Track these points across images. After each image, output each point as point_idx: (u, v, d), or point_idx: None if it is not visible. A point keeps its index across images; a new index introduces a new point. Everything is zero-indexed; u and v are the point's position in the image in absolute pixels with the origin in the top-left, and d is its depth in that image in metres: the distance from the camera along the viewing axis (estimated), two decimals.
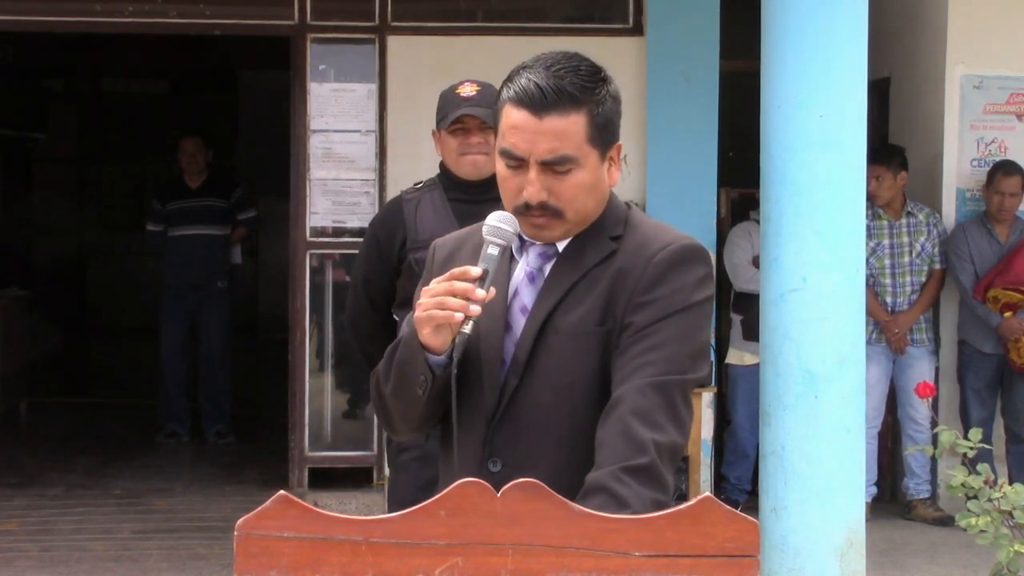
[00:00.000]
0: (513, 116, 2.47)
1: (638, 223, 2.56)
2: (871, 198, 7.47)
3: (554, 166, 2.46)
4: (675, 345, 2.43)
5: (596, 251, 2.52)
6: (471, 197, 4.20)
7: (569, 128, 2.45)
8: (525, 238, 2.56)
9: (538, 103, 2.44)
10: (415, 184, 4.48)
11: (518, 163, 2.48)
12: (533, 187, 2.46)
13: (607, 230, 2.54)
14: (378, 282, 4.35)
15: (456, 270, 2.42)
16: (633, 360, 2.41)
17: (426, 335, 2.42)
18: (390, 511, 4.36)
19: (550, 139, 2.45)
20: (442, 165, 4.35)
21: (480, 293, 2.38)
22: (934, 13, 8.07)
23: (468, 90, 4.27)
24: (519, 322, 2.52)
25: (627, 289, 2.47)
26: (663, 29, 7.75)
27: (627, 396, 2.38)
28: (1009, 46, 7.96)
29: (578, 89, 2.46)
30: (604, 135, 2.50)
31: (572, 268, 2.51)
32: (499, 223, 2.47)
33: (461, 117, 4.23)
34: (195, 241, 9.49)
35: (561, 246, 2.54)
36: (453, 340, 2.42)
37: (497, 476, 2.42)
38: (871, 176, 7.49)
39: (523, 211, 2.48)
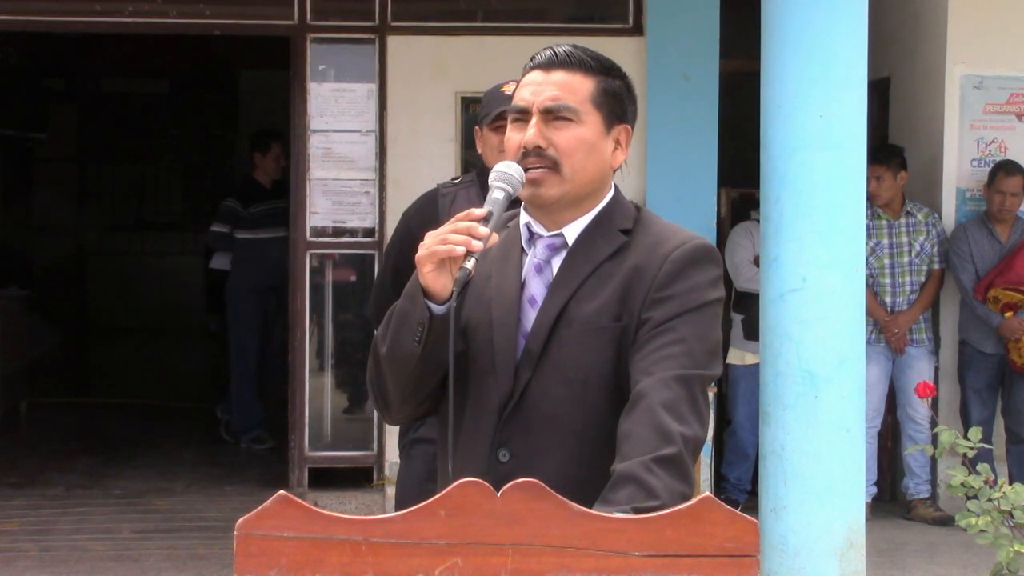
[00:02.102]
0: (524, 79, 2.58)
1: (650, 221, 2.59)
2: (871, 198, 7.49)
3: (555, 114, 2.52)
4: (694, 341, 2.45)
5: (606, 244, 2.54)
6: None
7: (574, 83, 2.54)
8: (533, 230, 2.58)
9: (548, 62, 2.56)
10: (452, 179, 4.50)
11: (522, 116, 2.54)
12: (532, 131, 2.52)
13: (616, 222, 2.56)
14: (407, 273, 4.37)
15: (460, 214, 2.46)
16: (654, 354, 2.42)
17: (427, 273, 2.43)
18: (397, 500, 4.37)
19: (553, 88, 2.53)
20: (480, 162, 4.36)
21: (483, 230, 2.40)
22: (934, 13, 8.07)
23: (513, 88, 4.30)
24: (528, 314, 2.53)
25: (644, 285, 2.48)
26: (663, 29, 7.75)
27: (653, 388, 2.38)
28: (1009, 46, 7.96)
29: (591, 59, 2.57)
30: (610, 105, 2.56)
31: (584, 261, 2.53)
32: (505, 169, 2.50)
33: (504, 113, 4.25)
34: (275, 244, 9.30)
35: (571, 239, 2.55)
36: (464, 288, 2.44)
37: (506, 467, 2.44)
38: (871, 176, 7.51)
39: (521, 161, 2.52)
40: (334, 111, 7.91)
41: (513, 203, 2.58)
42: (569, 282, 2.52)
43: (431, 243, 2.43)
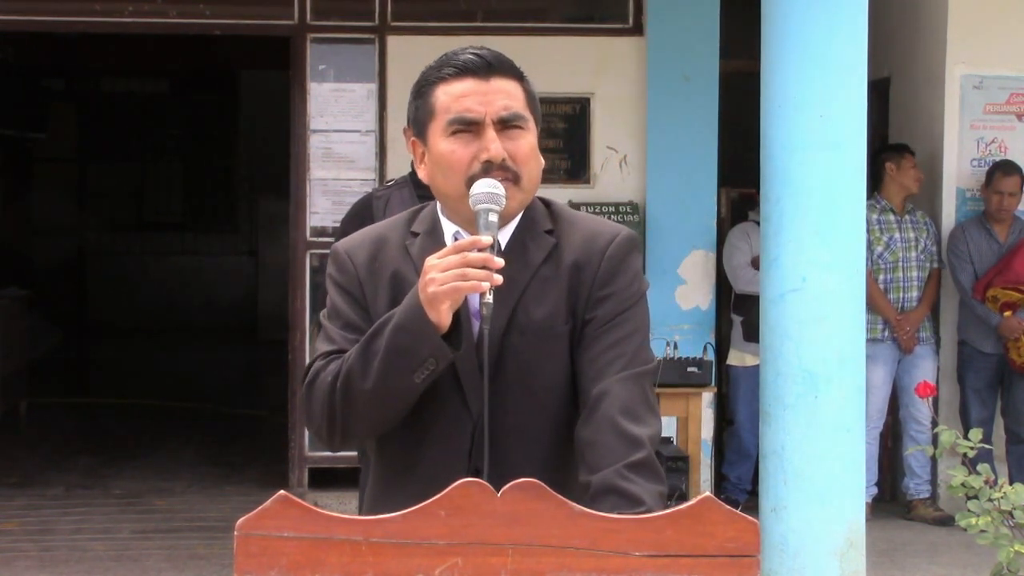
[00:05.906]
0: (456, 88, 2.45)
1: (567, 215, 2.54)
2: (904, 191, 7.72)
3: (509, 124, 2.43)
4: (639, 336, 2.45)
5: (537, 247, 2.48)
6: None
7: (512, 89, 2.46)
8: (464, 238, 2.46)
9: (482, 68, 2.45)
10: (386, 182, 4.54)
11: (470, 128, 2.43)
12: (496, 144, 2.41)
13: (539, 223, 2.50)
14: None
15: (463, 241, 2.33)
16: (603, 354, 2.41)
17: (443, 311, 2.30)
18: (360, 506, 4.35)
19: (502, 96, 2.44)
20: (413, 163, 4.40)
21: (499, 261, 2.29)
22: (934, 13, 8.07)
23: None
24: (475, 328, 2.43)
25: (585, 284, 2.45)
26: (663, 29, 7.75)
27: (608, 392, 2.37)
28: (1009, 46, 7.95)
29: (513, 63, 2.49)
30: (535, 109, 2.50)
31: (520, 266, 2.45)
32: (490, 189, 2.38)
33: None
34: None
35: (503, 242, 2.46)
36: (454, 317, 2.33)
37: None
38: (915, 170, 7.66)
39: (481, 176, 2.40)
40: (334, 111, 7.91)
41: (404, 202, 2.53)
42: (511, 290, 2.40)
43: (446, 278, 2.27)
